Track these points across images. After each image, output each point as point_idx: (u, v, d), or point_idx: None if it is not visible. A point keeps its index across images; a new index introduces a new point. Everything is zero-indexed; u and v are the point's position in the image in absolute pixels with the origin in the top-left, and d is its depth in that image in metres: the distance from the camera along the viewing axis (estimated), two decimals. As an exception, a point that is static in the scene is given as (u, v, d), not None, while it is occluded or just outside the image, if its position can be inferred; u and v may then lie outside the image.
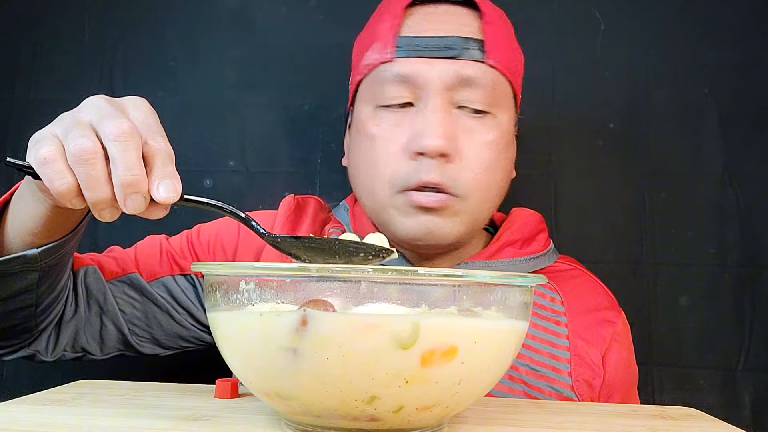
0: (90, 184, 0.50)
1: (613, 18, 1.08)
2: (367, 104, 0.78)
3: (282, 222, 0.84)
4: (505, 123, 0.77)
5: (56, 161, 0.50)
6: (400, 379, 0.41)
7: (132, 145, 0.50)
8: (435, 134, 0.71)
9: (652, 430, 0.52)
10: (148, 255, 0.84)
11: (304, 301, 0.43)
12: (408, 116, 0.75)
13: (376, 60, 0.76)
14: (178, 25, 1.10)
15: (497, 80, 0.76)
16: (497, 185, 0.77)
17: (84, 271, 0.79)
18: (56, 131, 0.52)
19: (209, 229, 0.87)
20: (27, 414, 0.50)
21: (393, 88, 0.75)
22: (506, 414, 0.56)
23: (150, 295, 0.81)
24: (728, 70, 1.06)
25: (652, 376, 1.01)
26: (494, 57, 0.75)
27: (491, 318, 0.45)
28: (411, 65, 0.74)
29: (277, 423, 0.49)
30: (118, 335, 0.81)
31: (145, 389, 0.61)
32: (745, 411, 1.00)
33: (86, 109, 0.53)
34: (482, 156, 0.74)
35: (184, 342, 0.85)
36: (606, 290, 0.84)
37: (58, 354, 0.78)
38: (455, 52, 0.74)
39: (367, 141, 0.76)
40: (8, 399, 0.55)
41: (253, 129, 1.08)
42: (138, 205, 0.50)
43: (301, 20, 1.10)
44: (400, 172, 0.73)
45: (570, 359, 0.75)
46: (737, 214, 1.03)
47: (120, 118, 0.51)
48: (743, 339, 1.01)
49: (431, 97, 0.73)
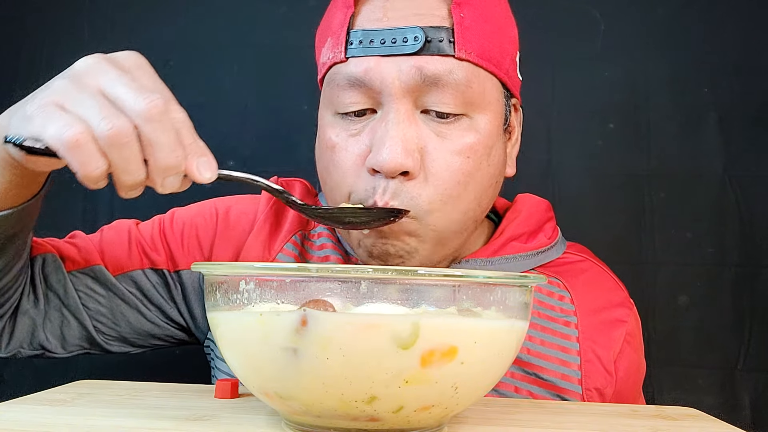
0: (127, 168, 0.47)
1: (613, 18, 1.08)
2: (326, 109, 0.69)
3: (265, 213, 0.77)
4: (485, 124, 0.66)
5: (88, 143, 0.46)
6: (399, 379, 0.41)
7: (168, 124, 0.47)
8: (392, 152, 0.61)
9: (652, 430, 0.52)
10: (115, 244, 0.76)
11: (304, 301, 0.43)
12: (369, 124, 0.65)
13: (329, 59, 0.67)
14: (178, 25, 1.10)
15: (472, 76, 0.64)
16: (475, 194, 0.67)
17: (42, 259, 0.72)
18: (63, 102, 0.48)
19: (184, 216, 0.79)
20: (27, 414, 0.50)
21: (348, 93, 0.65)
22: (506, 414, 0.56)
23: (116, 290, 0.75)
24: (728, 70, 1.06)
25: (651, 377, 1.01)
26: (467, 47, 0.64)
27: (491, 318, 0.45)
28: (365, 65, 0.64)
29: (277, 423, 0.49)
30: (82, 332, 0.74)
31: (145, 389, 0.61)
32: (745, 411, 1.01)
33: (92, 74, 0.48)
34: (453, 167, 0.64)
35: (156, 340, 0.79)
36: (617, 283, 0.77)
37: (13, 350, 0.72)
38: (416, 46, 0.62)
39: (328, 152, 0.68)
40: (8, 399, 0.55)
41: (252, 129, 1.08)
42: (176, 185, 0.49)
43: (301, 20, 1.10)
44: (358, 188, 0.65)
45: (581, 365, 0.69)
46: (737, 214, 1.04)
47: (148, 93, 0.47)
48: (743, 339, 1.02)
49: (391, 103, 0.63)
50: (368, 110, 0.66)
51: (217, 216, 0.78)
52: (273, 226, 0.77)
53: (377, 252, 0.66)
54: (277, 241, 0.76)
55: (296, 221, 0.77)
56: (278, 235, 0.76)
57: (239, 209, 0.79)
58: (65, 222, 0.92)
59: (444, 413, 0.46)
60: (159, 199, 0.53)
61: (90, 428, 0.47)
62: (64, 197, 1.09)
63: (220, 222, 0.78)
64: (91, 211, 1.10)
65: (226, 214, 0.78)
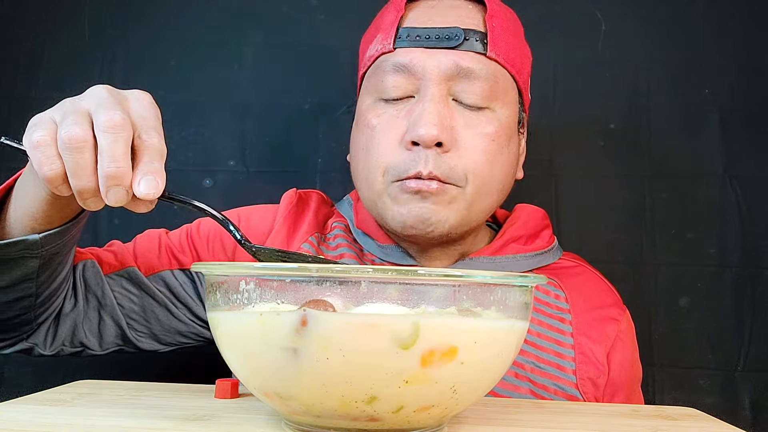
0: (76, 171, 0.50)
1: (614, 19, 1.08)
2: (368, 96, 0.78)
3: (283, 216, 0.84)
4: (505, 118, 0.76)
5: (47, 146, 0.50)
6: (399, 379, 0.41)
7: (121, 137, 0.50)
8: (430, 123, 0.71)
9: (652, 430, 0.52)
10: (147, 249, 0.83)
11: (304, 301, 0.43)
12: (407, 107, 0.75)
13: (378, 51, 0.77)
14: (179, 25, 1.10)
15: (499, 74, 0.75)
16: (498, 179, 0.76)
17: (83, 264, 0.78)
18: (54, 116, 0.52)
19: (209, 223, 0.85)
20: (27, 414, 0.50)
21: (392, 78, 0.75)
22: (506, 414, 0.56)
23: (148, 290, 0.81)
24: (729, 70, 1.06)
25: (652, 377, 1.01)
26: (496, 50, 0.75)
27: (491, 318, 0.45)
28: (410, 55, 0.74)
29: (277, 423, 0.49)
30: (117, 330, 0.80)
31: (146, 389, 0.61)
32: (745, 411, 1.00)
33: (87, 98, 0.53)
34: (481, 146, 0.73)
35: (183, 338, 0.84)
36: (610, 287, 0.83)
37: (56, 348, 0.77)
38: (455, 42, 0.74)
39: (367, 132, 0.76)
40: (8, 399, 0.55)
41: (253, 129, 1.08)
42: (119, 198, 0.50)
43: (302, 20, 1.10)
44: (396, 162, 0.73)
45: (575, 357, 0.75)
46: (737, 214, 1.03)
47: (115, 110, 0.51)
48: (743, 339, 1.01)
49: (429, 87, 0.73)
50: (407, 97, 0.75)
51: (239, 221, 0.85)
52: (291, 228, 0.83)
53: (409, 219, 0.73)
54: (294, 241, 0.82)
55: (313, 223, 0.84)
56: (296, 236, 0.83)
57: (260, 215, 0.86)
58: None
59: (444, 413, 0.46)
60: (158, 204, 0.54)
61: (90, 428, 0.47)
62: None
63: (242, 227, 0.84)
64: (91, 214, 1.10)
65: (248, 219, 0.86)
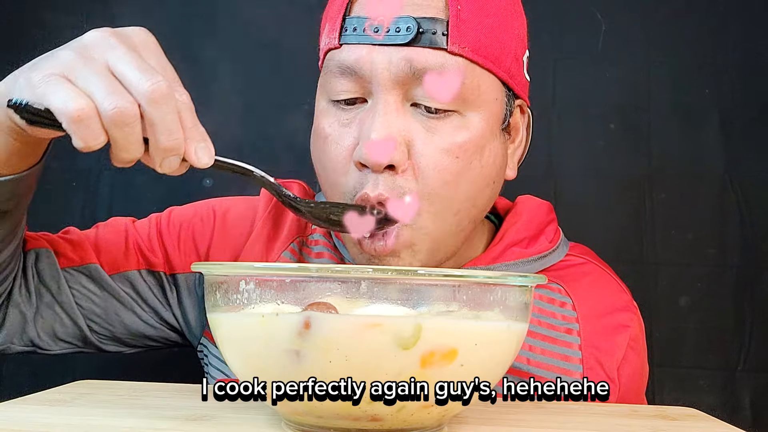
0: (126, 146, 0.48)
1: (614, 18, 1.08)
2: (321, 96, 0.68)
3: (263, 218, 0.76)
4: (478, 122, 0.63)
5: (91, 119, 0.46)
6: (399, 379, 0.41)
7: (171, 107, 0.48)
8: (377, 146, 0.60)
9: (652, 430, 0.52)
10: (111, 243, 0.74)
11: (304, 301, 0.43)
12: (359, 115, 0.64)
13: (326, 45, 0.66)
14: (178, 25, 1.10)
15: (467, 70, 0.62)
16: (466, 196, 0.64)
17: (35, 253, 0.71)
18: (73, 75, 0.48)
19: (181, 216, 0.78)
20: (27, 414, 0.50)
21: (340, 80, 0.64)
22: (506, 414, 0.56)
23: (112, 290, 0.73)
24: (729, 70, 1.06)
25: (652, 377, 1.00)
26: (461, 41, 0.61)
27: (491, 319, 0.45)
28: (356, 53, 0.62)
29: (277, 423, 0.49)
30: (75, 330, 0.73)
31: (145, 389, 0.61)
32: (745, 411, 1.01)
33: (100, 49, 0.49)
34: (441, 165, 0.62)
35: (151, 341, 0.78)
36: (620, 285, 0.76)
37: (4, 344, 0.71)
38: (408, 36, 0.60)
39: (320, 142, 0.67)
40: (8, 399, 0.55)
41: (253, 129, 1.08)
42: (174, 167, 0.50)
43: (302, 20, 1.10)
44: (349, 184, 0.64)
45: (583, 374, 0.68)
46: (737, 214, 1.04)
47: (154, 74, 0.47)
48: (743, 339, 1.01)
49: (379, 93, 0.61)
50: (359, 99, 0.64)
51: (214, 218, 0.77)
52: (271, 232, 0.76)
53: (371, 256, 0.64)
54: (274, 249, 0.75)
55: (294, 227, 0.76)
56: (276, 242, 0.76)
57: (237, 213, 0.78)
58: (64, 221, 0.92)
59: (444, 413, 0.46)
60: (158, 199, 0.54)
61: (90, 428, 0.47)
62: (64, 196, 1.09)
63: (218, 225, 0.77)
64: (90, 208, 1.10)
65: (224, 216, 0.78)
